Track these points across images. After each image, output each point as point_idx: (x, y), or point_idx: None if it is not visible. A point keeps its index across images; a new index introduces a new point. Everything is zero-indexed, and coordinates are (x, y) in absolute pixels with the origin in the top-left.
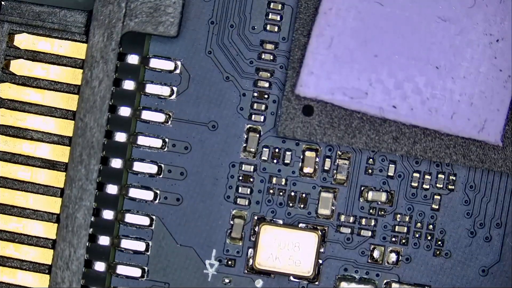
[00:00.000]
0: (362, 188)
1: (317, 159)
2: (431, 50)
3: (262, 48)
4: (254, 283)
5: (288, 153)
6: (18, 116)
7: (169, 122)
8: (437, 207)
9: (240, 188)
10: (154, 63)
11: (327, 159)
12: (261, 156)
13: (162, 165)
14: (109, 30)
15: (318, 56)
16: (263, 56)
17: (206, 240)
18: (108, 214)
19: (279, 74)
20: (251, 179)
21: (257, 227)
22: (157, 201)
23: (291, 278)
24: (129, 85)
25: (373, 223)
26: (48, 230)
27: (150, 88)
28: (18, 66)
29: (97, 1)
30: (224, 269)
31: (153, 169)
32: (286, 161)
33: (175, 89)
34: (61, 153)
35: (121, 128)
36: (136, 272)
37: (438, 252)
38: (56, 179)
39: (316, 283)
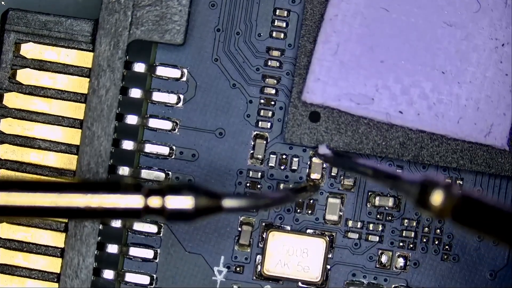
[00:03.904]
0: (369, 194)
1: (324, 165)
2: (437, 56)
3: (269, 55)
4: None
5: (295, 159)
6: (25, 126)
7: (176, 129)
8: None
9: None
10: (161, 71)
11: None
12: (268, 163)
13: (170, 173)
14: (116, 38)
15: (325, 63)
16: (269, 63)
17: (214, 247)
18: (116, 222)
19: (285, 80)
20: (259, 186)
21: (265, 234)
22: None
23: (300, 284)
24: (136, 93)
25: (380, 228)
26: (56, 239)
27: (157, 96)
28: (25, 76)
29: (103, 9)
30: (233, 275)
31: (160, 177)
32: (293, 168)
33: (182, 96)
34: (68, 162)
35: (129, 136)
36: (144, 279)
37: (446, 257)
38: None
39: None
